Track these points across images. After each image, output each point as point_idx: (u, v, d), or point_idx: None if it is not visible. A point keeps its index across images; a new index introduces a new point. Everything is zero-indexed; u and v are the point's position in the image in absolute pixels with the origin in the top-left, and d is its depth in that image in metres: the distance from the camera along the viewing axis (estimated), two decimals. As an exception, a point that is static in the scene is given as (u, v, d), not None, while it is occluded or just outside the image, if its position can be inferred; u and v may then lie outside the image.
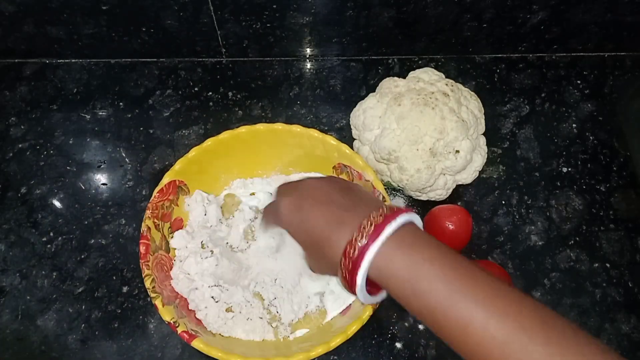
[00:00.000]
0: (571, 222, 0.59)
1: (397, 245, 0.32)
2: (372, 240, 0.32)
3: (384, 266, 0.32)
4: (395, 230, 0.32)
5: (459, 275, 0.30)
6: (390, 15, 0.63)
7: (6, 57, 0.69)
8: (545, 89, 0.68)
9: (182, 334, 0.44)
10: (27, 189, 0.61)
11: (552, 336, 0.28)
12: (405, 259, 0.31)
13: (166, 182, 0.52)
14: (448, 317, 0.30)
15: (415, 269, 0.31)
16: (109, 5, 0.60)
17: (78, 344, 0.52)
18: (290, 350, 0.48)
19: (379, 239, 0.32)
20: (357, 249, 0.32)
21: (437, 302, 0.30)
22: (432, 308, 0.30)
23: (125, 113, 0.66)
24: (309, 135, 0.55)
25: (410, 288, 0.31)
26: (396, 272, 0.32)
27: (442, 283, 0.30)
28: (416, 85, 0.56)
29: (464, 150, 0.54)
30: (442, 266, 0.31)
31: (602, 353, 0.27)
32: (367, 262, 0.32)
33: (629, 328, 0.53)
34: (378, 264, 0.32)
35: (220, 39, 0.66)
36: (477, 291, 0.30)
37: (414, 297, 0.31)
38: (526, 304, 0.29)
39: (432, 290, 0.30)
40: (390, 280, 0.32)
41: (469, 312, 0.29)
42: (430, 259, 0.31)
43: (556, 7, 0.62)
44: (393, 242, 0.32)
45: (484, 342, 0.28)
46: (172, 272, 0.51)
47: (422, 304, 0.31)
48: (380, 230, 0.32)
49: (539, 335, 0.28)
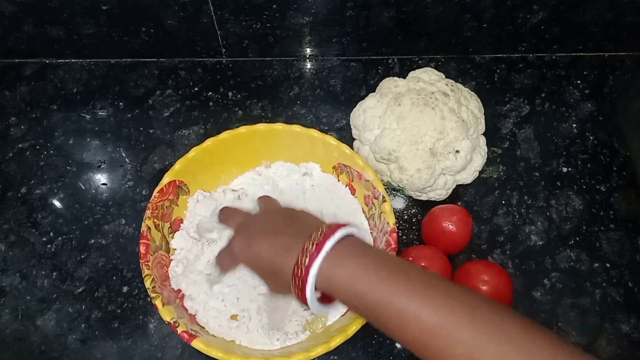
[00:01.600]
0: (571, 222, 0.59)
1: (337, 258, 0.36)
2: (313, 258, 0.35)
3: (328, 277, 0.35)
4: (334, 244, 0.36)
5: (391, 274, 0.34)
6: (390, 15, 0.63)
7: (6, 57, 0.69)
8: (545, 89, 0.68)
9: (182, 334, 0.44)
10: (27, 189, 0.61)
11: (477, 319, 0.30)
12: (344, 268, 0.35)
13: (166, 182, 0.52)
14: (387, 313, 0.33)
15: (354, 275, 0.35)
16: (109, 5, 0.60)
17: (78, 344, 0.52)
18: (290, 350, 0.47)
19: (320, 255, 0.35)
20: (303, 268, 0.36)
21: (375, 301, 0.33)
22: (373, 307, 0.34)
23: (125, 113, 0.66)
24: (309, 135, 0.55)
25: (352, 292, 0.35)
26: (338, 281, 0.35)
27: (377, 284, 0.34)
28: (416, 85, 0.56)
29: (464, 150, 0.54)
30: (376, 269, 0.34)
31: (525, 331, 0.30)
32: (312, 277, 0.35)
33: (629, 328, 0.53)
34: (323, 277, 0.36)
35: (220, 39, 0.66)
36: (409, 286, 0.33)
37: (356, 301, 0.35)
38: (455, 293, 0.32)
39: (369, 291, 0.34)
40: (335, 289, 0.36)
41: (403, 307, 0.32)
42: (365, 264, 0.35)
43: (556, 7, 0.62)
44: (333, 256, 0.36)
45: (419, 331, 0.32)
46: (169, 270, 0.51)
47: (363, 305, 0.34)
48: (321, 248, 0.36)
49: (465, 319, 0.31)
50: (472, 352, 0.30)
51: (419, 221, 0.59)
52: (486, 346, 0.30)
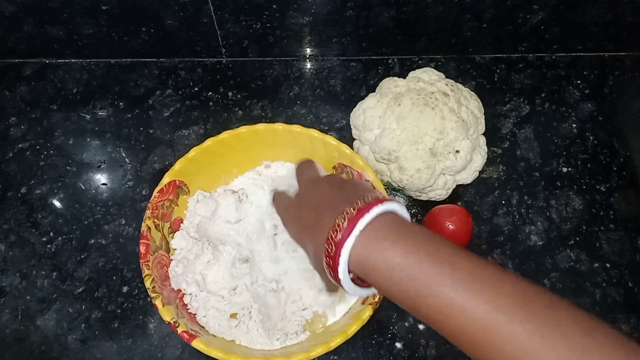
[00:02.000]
0: (571, 222, 0.59)
1: (372, 238, 0.32)
2: (346, 235, 0.32)
3: (363, 259, 0.32)
4: (370, 222, 0.32)
5: (436, 262, 0.31)
6: (390, 15, 0.63)
7: (6, 57, 0.69)
8: (545, 89, 0.68)
9: (182, 334, 0.44)
10: (27, 189, 0.61)
11: (531, 315, 0.28)
12: (381, 252, 0.32)
13: (166, 182, 0.52)
14: (428, 304, 0.30)
15: (392, 260, 0.31)
16: (109, 5, 0.60)
17: (78, 344, 0.52)
18: (290, 350, 0.47)
19: (352, 234, 0.32)
20: (334, 245, 0.32)
21: (416, 290, 0.31)
22: (413, 297, 0.31)
23: (125, 113, 0.66)
24: (309, 135, 0.55)
25: (390, 278, 0.31)
26: (374, 264, 0.32)
27: (419, 272, 0.31)
28: (416, 85, 0.56)
29: (464, 150, 0.54)
30: (418, 255, 0.31)
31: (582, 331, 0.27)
32: (345, 256, 0.32)
33: (629, 328, 0.53)
34: (357, 258, 0.32)
35: (220, 39, 0.66)
36: (454, 277, 0.30)
37: (394, 287, 0.32)
38: (505, 284, 0.30)
39: (410, 280, 0.31)
40: (370, 272, 0.32)
41: (447, 299, 0.29)
42: (406, 250, 0.31)
43: (556, 7, 0.62)
44: (368, 235, 0.32)
45: (465, 325, 0.29)
46: (169, 270, 0.51)
47: (402, 294, 0.31)
48: (354, 224, 0.32)
49: (517, 314, 0.28)
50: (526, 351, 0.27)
51: (419, 221, 0.59)
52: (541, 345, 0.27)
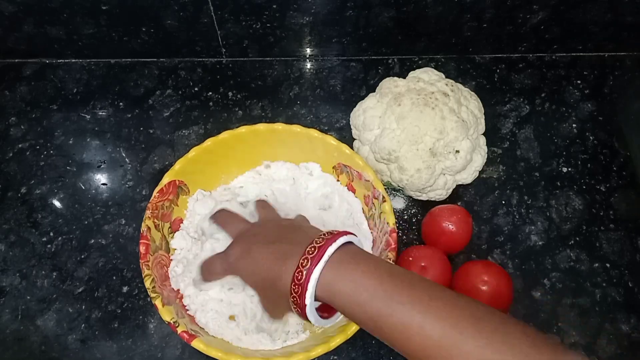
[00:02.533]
0: (571, 222, 0.59)
1: (339, 264, 0.35)
2: (316, 262, 0.35)
3: (329, 283, 0.35)
4: (336, 250, 0.35)
5: (395, 283, 0.33)
6: (390, 15, 0.63)
7: (6, 57, 0.69)
8: (545, 89, 0.68)
9: (182, 334, 0.44)
10: (27, 189, 0.61)
11: (482, 330, 0.30)
12: (347, 275, 0.34)
13: (166, 182, 0.52)
14: (389, 323, 0.32)
15: (356, 282, 0.34)
16: (109, 5, 0.60)
17: (78, 344, 0.52)
18: (291, 350, 0.47)
19: (322, 259, 0.35)
20: (304, 272, 0.35)
21: (378, 310, 0.33)
22: (375, 317, 0.33)
23: (125, 113, 0.66)
24: (309, 135, 0.55)
25: (354, 301, 0.34)
26: (340, 287, 0.34)
27: (381, 292, 0.33)
28: (416, 85, 0.56)
29: (464, 150, 0.54)
30: (379, 277, 0.34)
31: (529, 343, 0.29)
32: (313, 280, 0.35)
33: (629, 328, 0.53)
34: (324, 283, 0.35)
35: (220, 39, 0.66)
36: (413, 297, 0.32)
37: (357, 309, 0.34)
38: (460, 303, 0.32)
39: (372, 299, 0.33)
40: (336, 296, 0.35)
41: (407, 317, 0.32)
42: (368, 272, 0.34)
43: (556, 7, 0.62)
44: (335, 262, 0.35)
45: (423, 343, 0.31)
46: (169, 270, 0.51)
47: (365, 315, 0.33)
48: (323, 252, 0.35)
49: (469, 330, 0.30)
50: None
51: (419, 221, 0.59)
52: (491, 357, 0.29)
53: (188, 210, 0.55)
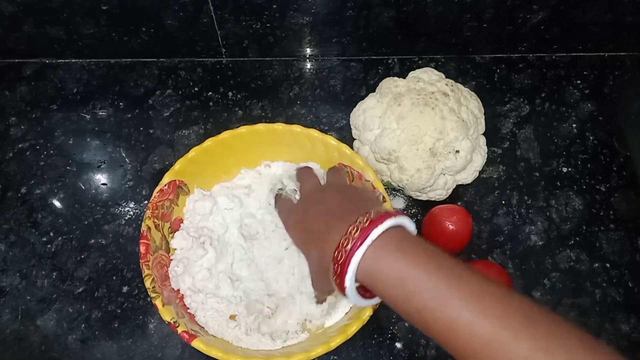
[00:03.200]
0: (571, 222, 0.59)
1: (383, 249, 0.33)
2: (358, 245, 0.32)
3: (372, 269, 0.33)
4: (381, 233, 0.33)
5: (445, 276, 0.31)
6: (390, 15, 0.63)
7: (6, 57, 0.69)
8: (545, 89, 0.68)
9: (182, 334, 0.44)
10: (27, 189, 0.61)
11: (536, 332, 0.28)
12: (392, 262, 0.32)
13: (166, 182, 0.52)
14: (436, 317, 0.30)
15: (402, 271, 0.32)
16: (109, 5, 0.60)
17: (78, 344, 0.52)
18: (290, 350, 0.47)
19: (365, 243, 0.32)
20: (344, 253, 0.33)
21: (424, 303, 0.31)
22: (421, 309, 0.31)
23: (125, 113, 0.66)
24: (309, 135, 0.55)
25: (399, 292, 0.32)
26: (384, 274, 0.32)
27: (429, 284, 0.31)
28: (416, 85, 0.56)
29: (464, 150, 0.54)
30: (427, 268, 0.32)
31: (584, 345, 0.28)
32: (354, 264, 0.33)
33: (629, 328, 0.53)
34: (366, 267, 0.33)
35: (220, 39, 0.66)
36: (463, 291, 0.30)
37: (402, 299, 0.32)
38: (512, 301, 0.30)
39: (419, 291, 0.31)
40: (378, 283, 0.33)
41: (455, 312, 0.30)
42: (416, 262, 0.32)
43: (556, 7, 0.62)
44: (380, 246, 0.33)
45: (470, 340, 0.29)
46: (169, 270, 0.51)
47: (410, 306, 0.32)
48: (367, 235, 0.33)
49: (522, 332, 0.28)
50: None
51: (419, 221, 0.59)
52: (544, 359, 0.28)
53: (187, 209, 0.55)
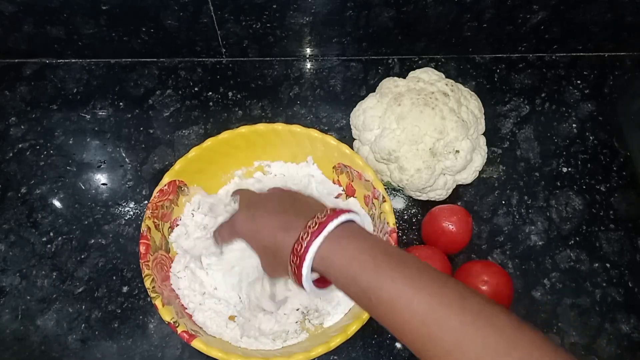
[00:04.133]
0: (571, 222, 0.59)
1: (336, 239, 0.36)
2: (315, 236, 0.36)
3: (326, 257, 0.36)
4: (336, 227, 0.36)
5: (388, 260, 0.34)
6: (390, 15, 0.63)
7: (6, 57, 0.69)
8: (545, 89, 0.68)
9: (182, 334, 0.44)
10: (27, 189, 0.61)
11: (466, 308, 0.31)
12: (343, 249, 0.36)
13: (166, 182, 0.52)
14: (379, 297, 0.33)
15: (350, 256, 0.35)
16: (109, 5, 0.60)
17: (78, 344, 0.52)
18: (290, 350, 0.47)
19: (321, 234, 0.36)
20: (303, 244, 0.36)
21: (368, 283, 0.34)
22: (365, 289, 0.34)
23: (125, 113, 0.66)
24: (309, 135, 0.55)
25: (347, 273, 0.35)
26: (335, 261, 0.36)
27: (373, 266, 0.34)
28: (416, 85, 0.56)
29: (464, 150, 0.54)
30: (373, 253, 0.35)
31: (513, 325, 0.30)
32: (311, 253, 0.36)
33: (629, 328, 0.53)
34: (321, 257, 0.36)
35: (220, 39, 0.66)
36: (403, 273, 0.33)
37: (350, 281, 0.35)
38: (448, 282, 0.33)
39: (363, 273, 0.34)
40: (331, 269, 0.36)
41: (396, 291, 0.32)
42: (363, 248, 0.35)
43: (556, 7, 0.62)
44: (334, 237, 0.36)
45: (409, 318, 0.32)
46: (169, 270, 0.51)
47: (356, 287, 0.35)
48: (323, 227, 0.36)
49: (455, 307, 0.31)
50: (459, 340, 0.30)
51: (419, 221, 0.59)
52: (474, 334, 0.30)
53: (186, 209, 0.55)
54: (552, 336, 0.53)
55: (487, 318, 0.30)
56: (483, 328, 0.30)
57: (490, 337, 0.29)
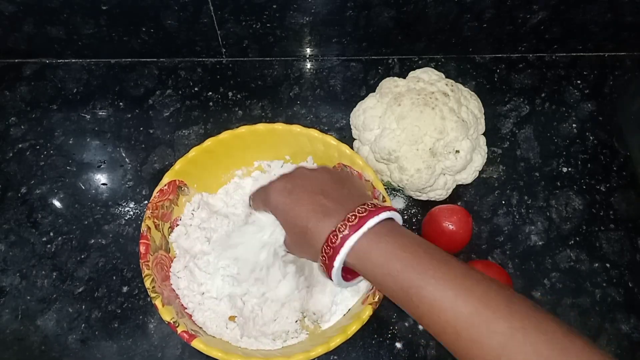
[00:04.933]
0: (571, 222, 0.59)
1: (375, 236, 0.35)
2: (354, 230, 0.35)
3: (362, 252, 0.35)
4: (376, 224, 0.35)
5: (431, 258, 0.33)
6: (390, 15, 0.63)
7: (6, 57, 0.69)
8: (545, 89, 0.68)
9: (182, 334, 0.44)
10: (27, 189, 0.61)
11: (514, 312, 0.30)
12: (382, 246, 0.35)
13: (166, 182, 0.52)
14: (420, 295, 0.32)
15: (391, 253, 0.34)
16: (109, 5, 0.60)
17: (78, 344, 0.52)
18: (290, 350, 0.47)
19: (360, 230, 0.35)
20: (339, 237, 0.35)
21: (410, 281, 0.33)
22: (406, 287, 0.33)
23: (125, 113, 0.66)
24: (309, 135, 0.55)
25: (386, 271, 0.34)
26: (373, 257, 0.35)
27: (415, 264, 0.33)
28: (416, 85, 0.56)
29: (464, 150, 0.54)
30: (415, 251, 0.34)
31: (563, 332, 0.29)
32: (347, 248, 0.35)
33: (629, 328, 0.53)
34: (357, 251, 0.35)
35: (220, 39, 0.66)
36: (447, 273, 0.32)
37: (389, 279, 0.34)
38: (493, 285, 0.32)
39: (407, 271, 0.33)
40: (367, 265, 0.35)
41: (439, 291, 0.32)
42: (404, 246, 0.34)
43: (556, 7, 0.62)
44: (372, 233, 0.35)
45: (453, 318, 0.31)
46: (169, 270, 0.51)
47: (396, 285, 0.34)
48: (363, 223, 0.35)
49: (502, 311, 0.30)
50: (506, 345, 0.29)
51: (419, 221, 0.59)
52: (523, 339, 0.29)
53: (186, 210, 0.55)
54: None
55: (536, 324, 0.29)
56: (532, 334, 0.29)
57: (540, 344, 0.28)
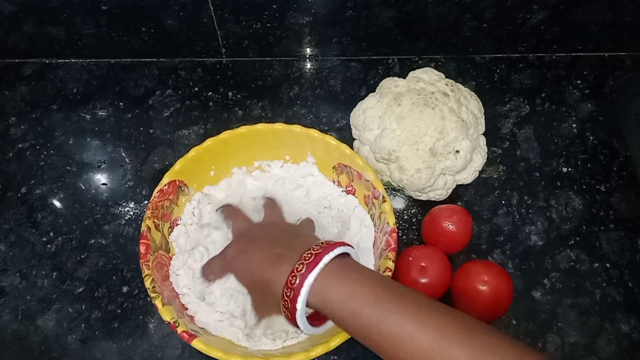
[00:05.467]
0: (571, 222, 0.59)
1: (333, 273, 0.36)
2: (311, 268, 0.35)
3: (323, 291, 0.35)
4: (331, 259, 0.36)
5: (387, 293, 0.34)
6: (390, 15, 0.63)
7: (6, 57, 0.69)
8: (545, 89, 0.68)
9: (182, 334, 0.44)
10: (27, 189, 0.61)
11: (469, 339, 0.31)
12: (341, 283, 0.35)
13: (166, 182, 0.52)
14: (380, 331, 0.33)
15: (350, 290, 0.35)
16: (109, 5, 0.60)
17: (78, 344, 0.52)
18: (290, 350, 0.47)
19: (317, 267, 0.35)
20: (298, 277, 0.35)
21: (369, 318, 0.33)
22: (366, 324, 0.34)
23: (125, 113, 0.66)
24: (309, 135, 0.55)
25: (346, 308, 0.34)
26: (333, 295, 0.35)
27: (372, 301, 0.34)
28: (416, 85, 0.57)
29: (464, 150, 0.54)
30: (372, 287, 0.35)
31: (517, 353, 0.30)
32: (307, 286, 0.35)
33: (629, 328, 0.53)
34: (317, 290, 0.35)
35: (220, 39, 0.66)
36: (404, 306, 0.33)
37: (349, 316, 0.34)
38: (449, 313, 0.33)
39: (364, 307, 0.34)
40: (328, 303, 0.35)
41: (398, 325, 0.32)
42: (361, 282, 0.35)
43: (556, 7, 0.62)
44: (330, 270, 0.36)
45: (412, 351, 0.32)
46: (169, 270, 0.51)
47: (356, 322, 0.34)
48: (319, 260, 0.35)
49: (457, 339, 0.31)
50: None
51: (419, 221, 0.59)
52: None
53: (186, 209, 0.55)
54: (552, 336, 0.53)
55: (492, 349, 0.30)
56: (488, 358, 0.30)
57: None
